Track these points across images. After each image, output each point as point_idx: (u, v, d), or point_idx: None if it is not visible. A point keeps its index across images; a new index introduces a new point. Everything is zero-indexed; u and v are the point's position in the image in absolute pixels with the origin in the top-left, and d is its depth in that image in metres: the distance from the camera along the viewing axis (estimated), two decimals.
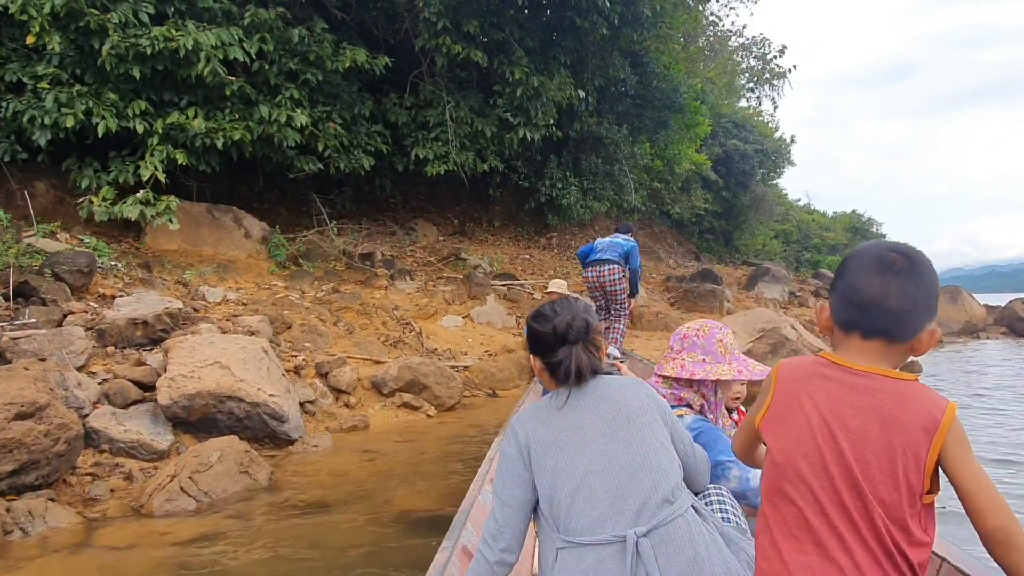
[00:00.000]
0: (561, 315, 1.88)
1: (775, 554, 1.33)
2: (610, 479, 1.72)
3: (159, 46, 7.88)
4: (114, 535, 3.85)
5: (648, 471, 1.72)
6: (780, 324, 8.02)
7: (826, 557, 1.27)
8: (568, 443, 1.78)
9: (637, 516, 1.67)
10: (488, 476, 3.34)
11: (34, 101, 7.63)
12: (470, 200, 14.52)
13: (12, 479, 3.86)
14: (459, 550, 2.44)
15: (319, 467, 5.26)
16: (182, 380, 5.22)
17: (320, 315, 8.11)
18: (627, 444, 1.76)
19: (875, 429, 1.27)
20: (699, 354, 2.43)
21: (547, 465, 1.78)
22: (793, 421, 1.35)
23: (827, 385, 1.34)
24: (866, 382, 1.32)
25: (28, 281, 6.06)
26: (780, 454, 1.35)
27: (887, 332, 1.33)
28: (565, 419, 1.82)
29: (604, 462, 1.74)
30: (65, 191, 8.72)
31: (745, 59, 25.04)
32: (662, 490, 1.70)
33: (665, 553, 1.63)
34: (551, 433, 1.81)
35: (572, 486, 1.73)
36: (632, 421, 1.79)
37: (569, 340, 1.85)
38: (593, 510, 1.69)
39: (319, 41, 9.67)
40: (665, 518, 1.66)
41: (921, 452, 1.26)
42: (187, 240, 9.25)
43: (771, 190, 24.26)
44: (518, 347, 9.25)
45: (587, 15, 11.30)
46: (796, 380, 1.39)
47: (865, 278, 1.33)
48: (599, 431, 1.78)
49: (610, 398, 1.83)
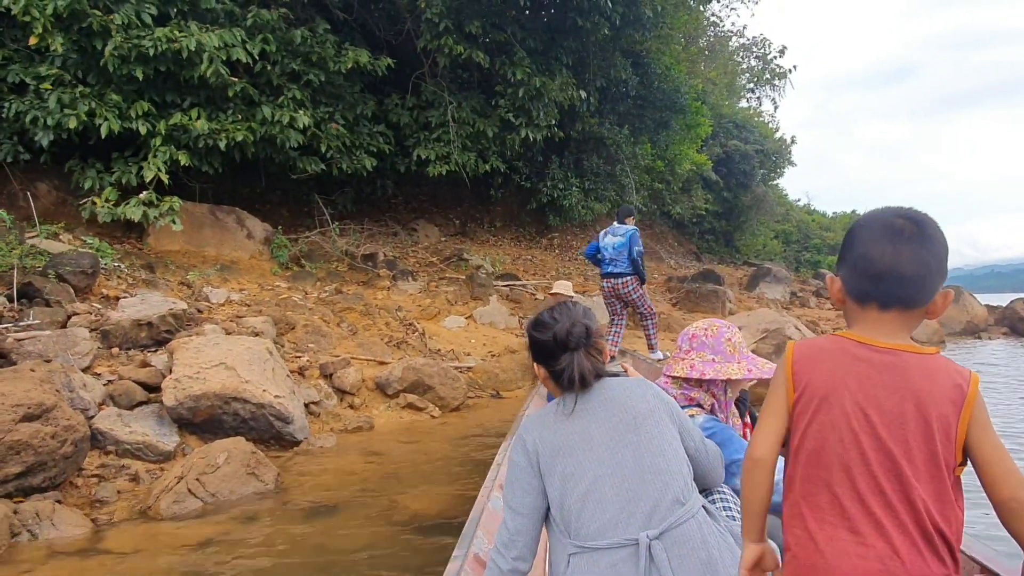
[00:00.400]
0: (561, 322, 1.87)
1: (809, 543, 1.31)
2: (619, 483, 1.71)
3: (162, 47, 7.87)
4: (122, 538, 3.83)
5: (657, 474, 1.72)
6: (784, 324, 8.01)
7: (862, 543, 1.25)
8: (576, 448, 1.78)
9: (648, 519, 1.67)
10: (497, 482, 3.32)
11: (37, 102, 7.62)
12: (471, 201, 14.51)
13: (19, 481, 3.85)
14: (471, 558, 2.42)
15: (325, 468, 5.25)
16: (187, 381, 5.20)
17: (323, 316, 8.10)
18: (635, 447, 1.75)
19: (910, 408, 1.26)
20: (708, 353, 2.42)
21: (556, 471, 1.78)
22: (825, 407, 1.31)
23: (856, 367, 1.31)
24: (893, 360, 1.29)
25: (32, 282, 6.05)
26: (813, 441, 1.32)
27: (904, 300, 1.31)
28: (572, 425, 1.82)
29: (612, 466, 1.73)
30: (67, 192, 8.70)
31: (746, 59, 25.05)
32: (672, 492, 1.70)
33: (678, 555, 1.63)
34: (559, 439, 1.81)
35: (582, 491, 1.73)
36: (639, 424, 1.78)
37: (570, 347, 1.85)
38: (604, 514, 1.69)
39: (321, 42, 9.67)
40: (677, 520, 1.66)
41: (951, 425, 1.25)
42: (190, 241, 9.24)
43: (771, 190, 24.27)
44: (521, 348, 9.24)
45: (589, 16, 11.30)
46: (821, 363, 1.35)
47: (877, 247, 1.31)
48: (606, 436, 1.77)
49: (616, 401, 1.83)
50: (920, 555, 1.23)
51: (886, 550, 1.24)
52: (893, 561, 1.23)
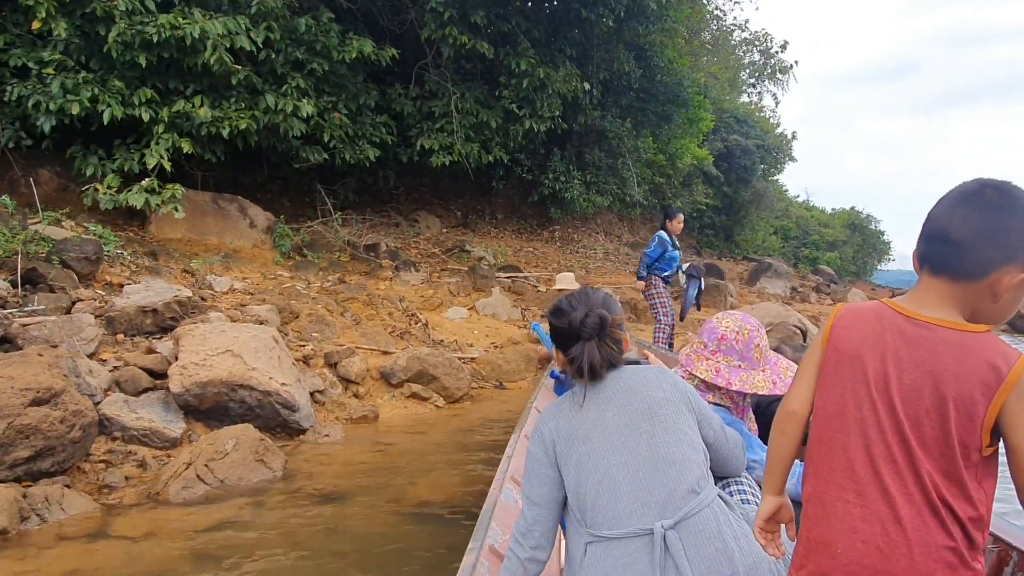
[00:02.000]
0: (577, 310, 1.87)
1: (818, 502, 1.34)
2: (633, 472, 1.71)
3: (165, 34, 7.82)
4: (132, 523, 3.82)
5: (671, 463, 1.72)
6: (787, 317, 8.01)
7: (865, 506, 1.26)
8: (591, 436, 1.78)
9: (663, 509, 1.66)
10: (508, 474, 3.31)
11: (39, 87, 7.55)
12: (473, 192, 14.47)
13: (28, 465, 3.83)
14: (487, 550, 2.42)
15: (332, 457, 5.24)
16: (194, 368, 5.17)
17: (327, 305, 8.07)
18: (649, 436, 1.75)
19: (928, 384, 1.24)
20: (735, 359, 2.31)
21: (572, 460, 1.78)
22: (851, 373, 1.32)
23: (888, 337, 1.31)
24: (926, 334, 1.28)
25: (36, 268, 6.01)
26: (835, 404, 1.33)
27: (950, 266, 1.28)
28: (587, 414, 1.82)
29: (626, 455, 1.73)
30: (69, 179, 8.65)
31: (748, 54, 25.01)
32: (687, 482, 1.70)
33: (694, 545, 1.63)
34: (574, 428, 1.81)
35: (596, 479, 1.73)
36: (655, 413, 1.78)
37: (583, 336, 1.85)
38: (618, 503, 1.69)
39: (325, 31, 9.61)
40: (692, 510, 1.66)
41: (977, 407, 1.21)
42: (192, 229, 9.19)
43: (772, 186, 24.26)
44: (524, 339, 9.23)
45: (593, 7, 11.26)
46: (857, 327, 1.35)
47: (942, 207, 1.31)
48: (621, 424, 1.77)
49: (632, 389, 1.82)
50: (924, 524, 1.23)
51: (889, 516, 1.24)
52: (895, 527, 1.24)
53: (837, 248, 26.45)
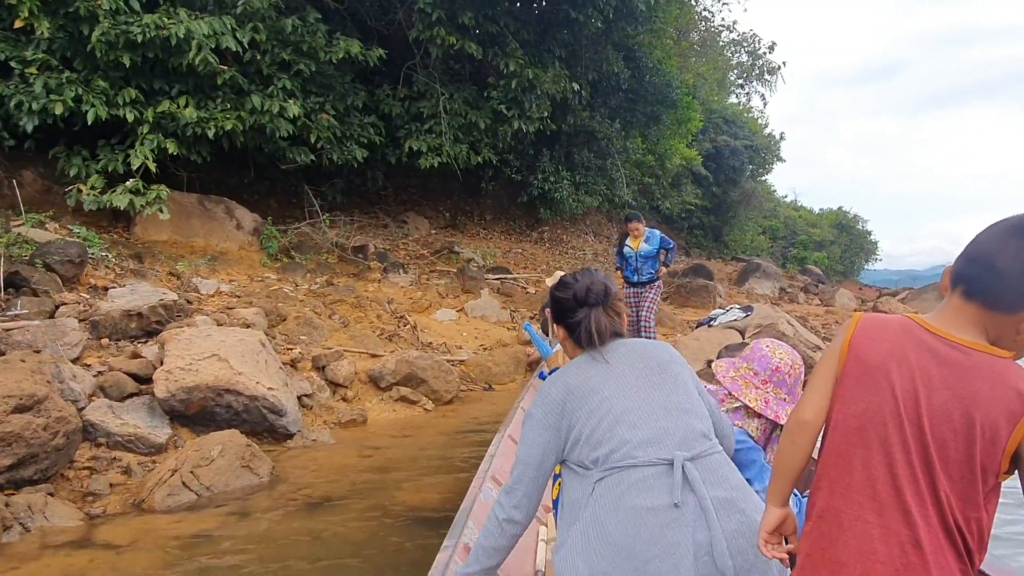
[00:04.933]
0: (581, 281, 1.94)
1: (834, 519, 1.29)
2: (648, 415, 1.75)
3: (150, 34, 7.72)
4: (116, 531, 3.76)
5: (683, 411, 1.77)
6: (777, 319, 8.03)
7: (886, 527, 1.24)
8: (602, 387, 1.81)
9: (680, 445, 1.71)
10: (489, 474, 3.29)
11: (22, 86, 7.44)
12: (461, 193, 14.42)
13: (10, 473, 3.77)
14: (461, 549, 2.41)
15: (319, 462, 5.19)
16: (180, 373, 5.12)
17: (314, 308, 8.02)
18: (660, 386, 1.80)
19: (957, 408, 1.22)
20: (784, 392, 2.25)
21: (584, 409, 1.80)
22: (876, 386, 1.28)
23: (918, 354, 1.27)
24: (959, 356, 1.25)
25: (19, 271, 5.93)
26: (858, 418, 1.29)
27: (988, 293, 1.26)
28: (596, 371, 1.85)
29: (640, 400, 1.77)
30: (52, 180, 8.53)
31: (736, 55, 25.09)
32: (699, 428, 1.76)
33: (711, 481, 1.67)
34: (585, 382, 1.83)
35: (612, 419, 1.76)
36: (664, 368, 1.84)
37: (588, 303, 1.90)
38: (635, 435, 1.72)
39: (312, 31, 9.53)
40: (706, 450, 1.72)
41: (1001, 434, 1.21)
42: (177, 231, 9.10)
43: (760, 186, 24.35)
44: (513, 341, 9.21)
45: (582, 8, 11.24)
46: (883, 340, 1.31)
47: (994, 234, 1.28)
48: (632, 376, 1.81)
49: (638, 353, 1.88)
50: (941, 547, 1.22)
51: (909, 538, 1.22)
52: (914, 550, 1.22)
53: (825, 248, 26.59)
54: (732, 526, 1.63)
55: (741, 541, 1.62)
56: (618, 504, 1.65)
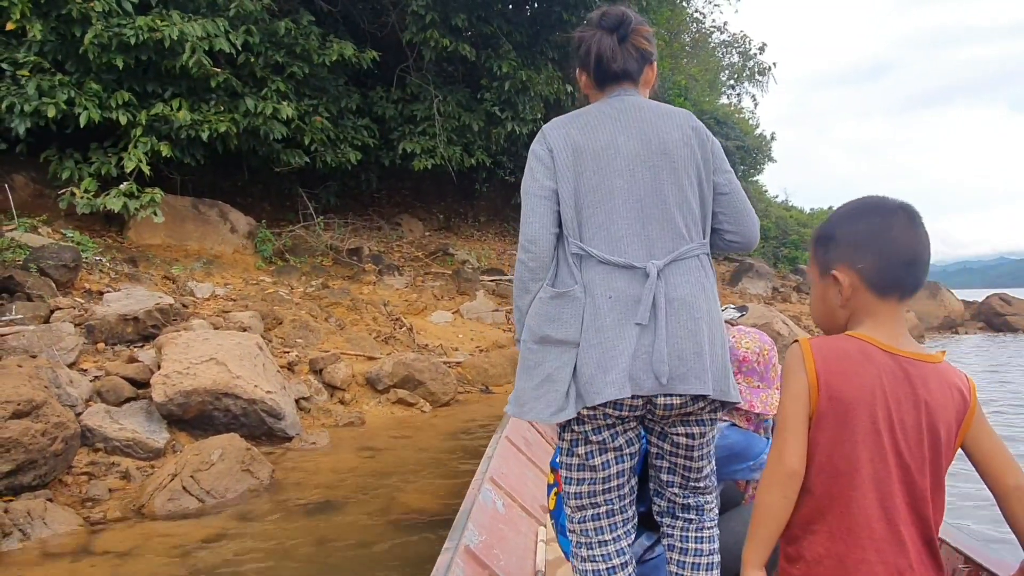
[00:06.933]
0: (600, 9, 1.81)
1: (835, 562, 1.25)
2: (632, 202, 1.70)
3: (143, 36, 7.68)
4: (117, 538, 3.74)
5: (670, 205, 1.70)
6: (772, 319, 8.07)
7: (885, 563, 1.22)
8: (600, 156, 1.72)
9: (653, 245, 1.68)
10: (488, 475, 3.28)
11: (14, 88, 7.39)
12: (455, 195, 14.43)
13: (9, 479, 3.74)
14: (462, 550, 2.40)
15: (319, 465, 5.18)
16: (177, 377, 5.09)
17: (310, 311, 8.00)
18: (656, 172, 1.71)
19: (925, 422, 1.23)
20: (755, 380, 2.25)
21: (572, 172, 1.72)
22: (859, 425, 1.23)
23: (884, 379, 1.24)
24: (913, 370, 1.25)
25: (13, 276, 5.88)
26: (845, 460, 1.24)
27: (918, 286, 1.30)
28: (600, 133, 1.74)
29: (630, 182, 1.71)
30: (44, 184, 8.47)
31: (727, 56, 25.19)
32: (680, 226, 1.70)
33: (674, 283, 1.67)
34: (585, 142, 1.74)
35: (596, 198, 1.71)
36: (667, 151, 1.72)
37: (602, 27, 1.77)
38: (612, 225, 1.69)
39: (305, 34, 9.52)
40: (681, 254, 1.69)
41: (954, 433, 1.25)
42: (171, 235, 9.05)
43: (751, 187, 24.44)
44: (509, 342, 9.21)
45: (575, 10, 11.27)
46: (850, 372, 1.25)
47: (907, 232, 1.27)
48: (632, 153, 1.72)
49: (649, 122, 1.75)
50: (924, 562, 1.23)
51: (905, 564, 1.23)
52: (909, 573, 1.23)
53: None
54: (680, 331, 1.64)
55: (684, 344, 1.64)
56: (589, 289, 1.69)
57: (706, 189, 1.77)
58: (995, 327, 18.69)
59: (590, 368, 1.64)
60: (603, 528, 1.78)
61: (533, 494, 3.54)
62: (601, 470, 1.74)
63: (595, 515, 1.78)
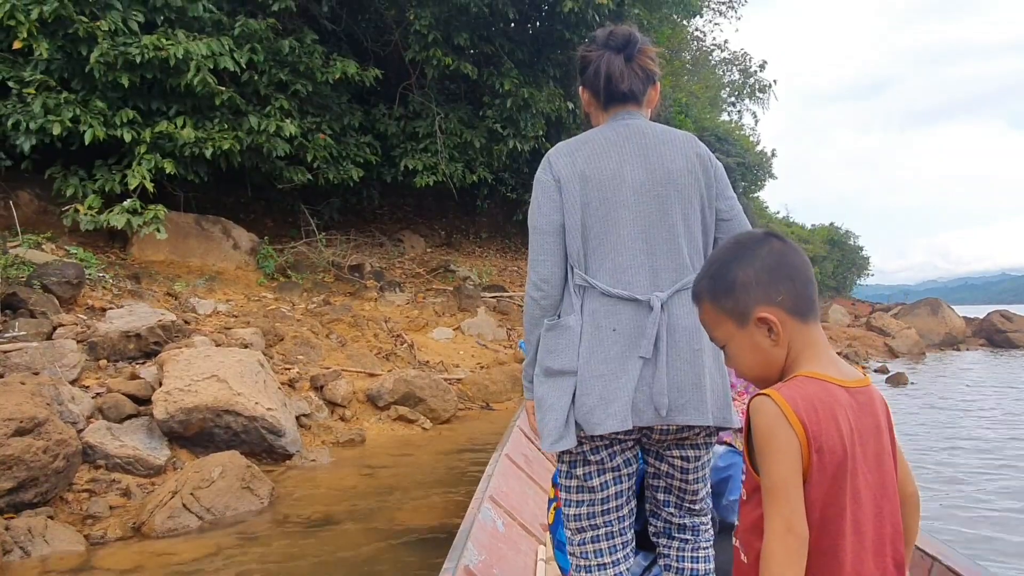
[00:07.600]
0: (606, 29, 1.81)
1: None
2: (639, 233, 1.70)
3: (148, 55, 7.77)
4: (118, 555, 3.74)
5: (676, 235, 1.71)
6: None
7: None
8: (604, 185, 1.72)
9: (657, 276, 1.69)
10: (488, 493, 3.28)
11: (20, 106, 7.47)
12: (457, 212, 14.49)
13: (10, 497, 3.74)
14: (461, 570, 2.40)
15: (319, 483, 5.18)
16: (179, 394, 5.11)
17: (312, 327, 8.02)
18: (661, 202, 1.71)
19: (883, 448, 1.24)
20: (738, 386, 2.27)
21: (579, 202, 1.72)
22: (841, 473, 1.20)
23: (851, 418, 1.21)
24: (864, 399, 1.24)
25: (16, 293, 5.91)
26: (835, 509, 1.20)
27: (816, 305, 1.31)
28: (606, 161, 1.73)
29: (636, 212, 1.70)
30: (49, 201, 8.53)
31: (727, 73, 25.36)
32: (684, 256, 1.71)
33: (679, 314, 1.68)
34: (590, 170, 1.73)
35: (600, 228, 1.71)
36: (672, 180, 1.72)
37: (610, 47, 1.75)
38: (618, 257, 1.69)
39: (309, 52, 9.62)
40: (685, 285, 1.67)
41: (892, 450, 1.27)
42: (174, 251, 9.10)
43: (752, 203, 24.50)
44: (510, 359, 9.21)
45: (576, 29, 11.37)
46: (827, 420, 1.20)
47: (792, 253, 1.28)
48: (637, 183, 1.71)
49: (654, 149, 1.74)
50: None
51: None
52: None
53: (817, 264, 26.73)
54: (679, 362, 1.65)
55: (684, 376, 1.65)
56: (592, 320, 1.69)
57: (708, 217, 1.78)
58: (996, 344, 18.66)
59: (592, 399, 1.66)
60: (602, 551, 1.80)
61: (533, 513, 3.54)
62: (600, 491, 1.76)
63: (595, 537, 1.79)
